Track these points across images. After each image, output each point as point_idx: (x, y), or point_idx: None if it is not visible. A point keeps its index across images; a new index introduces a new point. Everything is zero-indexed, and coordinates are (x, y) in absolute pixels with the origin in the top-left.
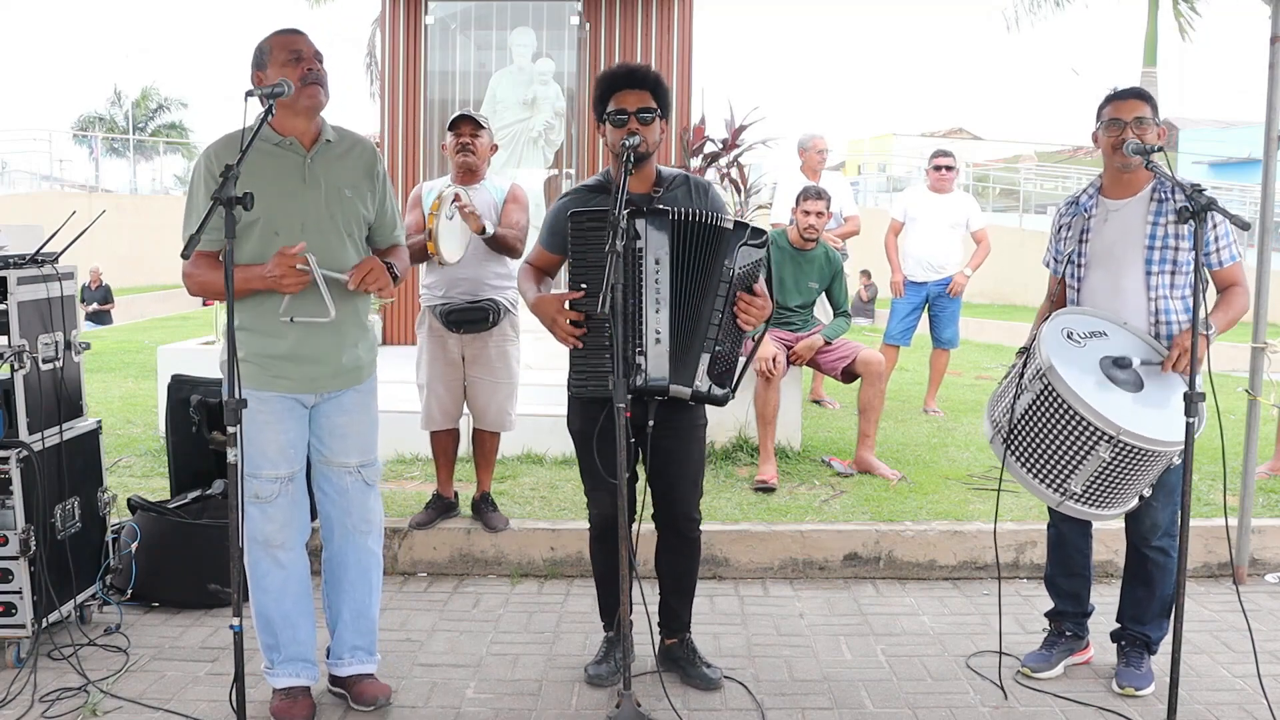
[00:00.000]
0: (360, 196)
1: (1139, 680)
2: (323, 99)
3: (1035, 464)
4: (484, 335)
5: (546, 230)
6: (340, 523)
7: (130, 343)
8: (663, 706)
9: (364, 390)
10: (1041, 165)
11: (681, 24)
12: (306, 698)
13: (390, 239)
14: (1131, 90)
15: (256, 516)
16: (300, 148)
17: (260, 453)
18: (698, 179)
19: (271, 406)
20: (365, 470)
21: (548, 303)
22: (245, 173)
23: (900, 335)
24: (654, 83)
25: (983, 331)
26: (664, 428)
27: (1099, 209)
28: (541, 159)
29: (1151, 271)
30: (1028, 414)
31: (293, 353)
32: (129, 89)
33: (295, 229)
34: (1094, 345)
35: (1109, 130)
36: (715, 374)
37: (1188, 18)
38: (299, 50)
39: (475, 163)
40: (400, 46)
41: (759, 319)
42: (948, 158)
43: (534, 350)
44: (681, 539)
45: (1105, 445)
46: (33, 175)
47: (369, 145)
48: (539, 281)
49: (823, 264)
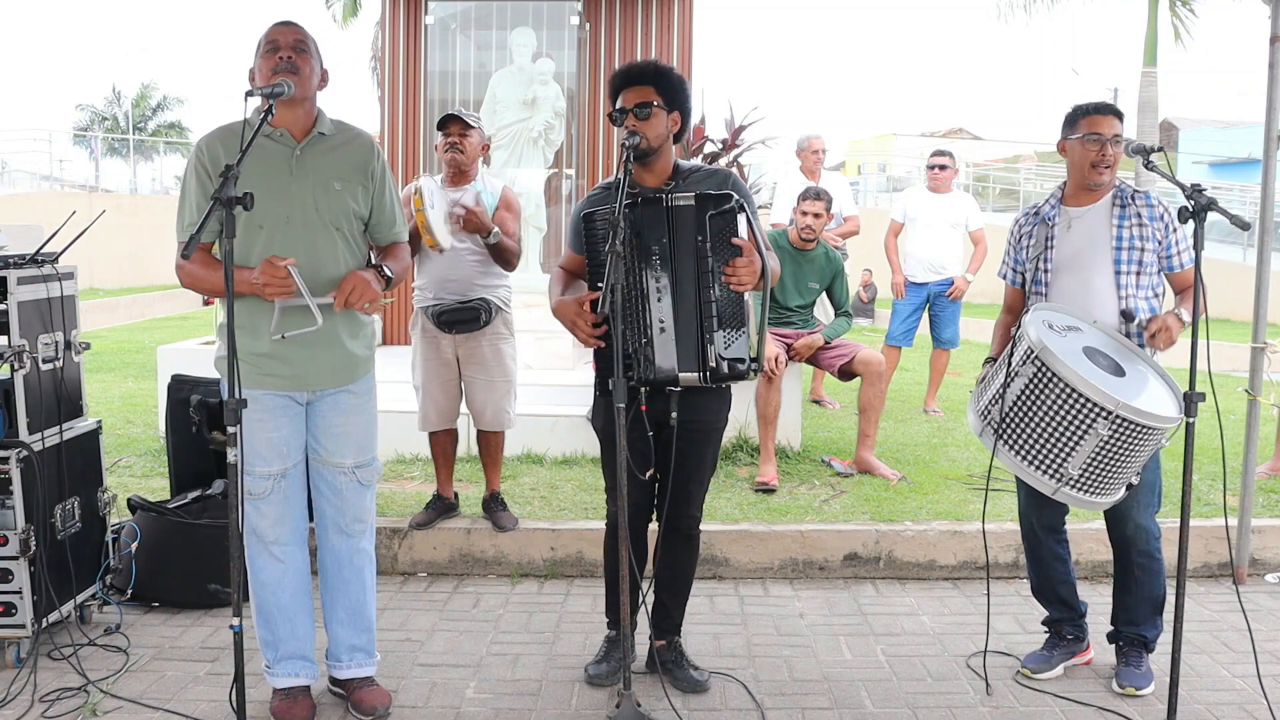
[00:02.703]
0: (351, 190)
1: (1139, 679)
2: (285, 89)
3: (1031, 449)
4: (477, 335)
5: (570, 232)
6: (334, 521)
7: (130, 343)
8: (663, 707)
9: (360, 390)
10: (1041, 165)
11: (681, 24)
12: (306, 697)
13: (389, 236)
14: (1109, 106)
15: (250, 512)
16: (291, 139)
17: (252, 450)
18: (721, 169)
19: (263, 404)
20: (360, 471)
21: (567, 306)
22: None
23: (902, 336)
24: (654, 76)
25: (983, 331)
26: (685, 428)
27: (1061, 217)
28: (541, 159)
29: (1120, 272)
30: (1021, 399)
31: (279, 352)
32: (128, 88)
33: (279, 221)
34: (1072, 337)
35: (1088, 145)
36: (729, 351)
37: (1184, 19)
38: (275, 40)
39: (464, 162)
40: (400, 46)
41: (750, 275)
42: (946, 157)
43: (533, 350)
44: (683, 537)
45: (1104, 422)
46: (33, 175)
47: (366, 139)
48: (568, 284)
49: (823, 264)
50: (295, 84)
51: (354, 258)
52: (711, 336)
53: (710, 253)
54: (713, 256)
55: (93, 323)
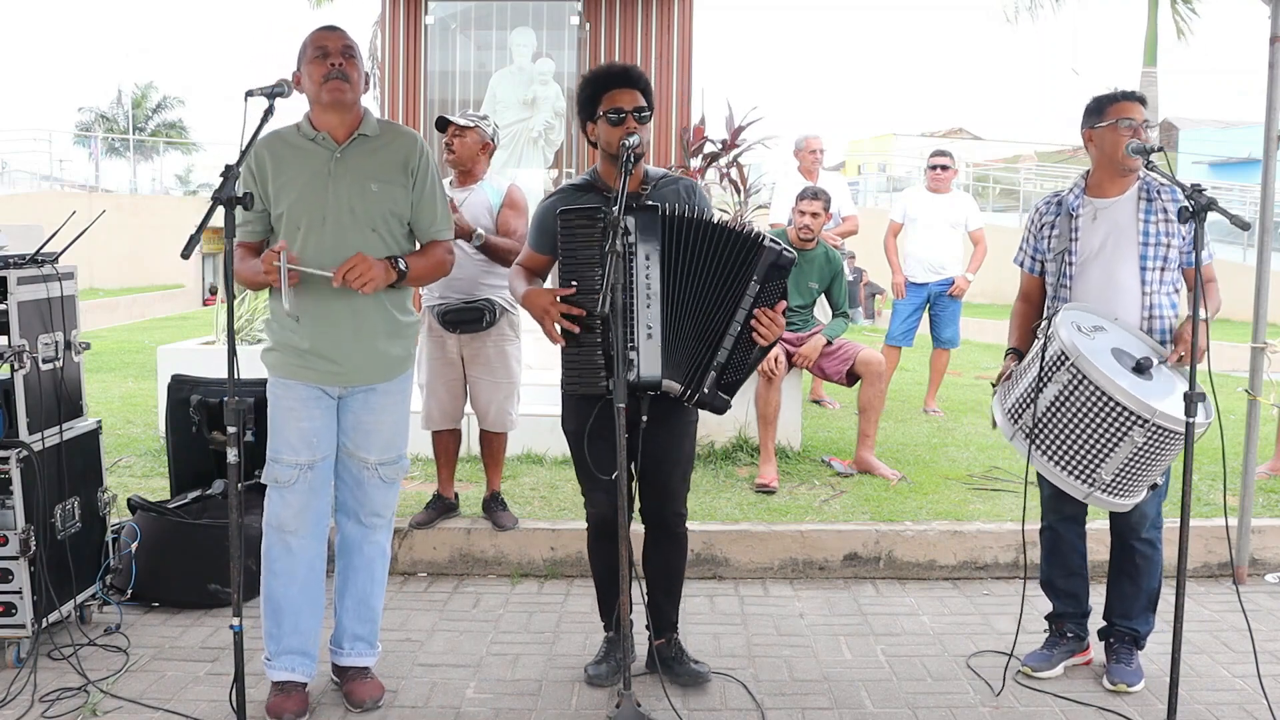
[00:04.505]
0: (389, 191)
1: (1130, 676)
2: (347, 95)
3: (1065, 455)
4: (482, 335)
5: (535, 231)
6: (353, 512)
7: (130, 343)
8: (663, 707)
9: (394, 389)
10: (1041, 165)
11: (681, 24)
12: (300, 693)
13: (428, 234)
14: (1135, 93)
15: (275, 500)
16: (331, 142)
17: (282, 439)
18: (684, 179)
19: (296, 394)
20: (383, 468)
21: (540, 295)
22: (277, 168)
23: (902, 336)
24: (645, 83)
25: (983, 331)
26: (657, 424)
27: (1086, 207)
28: (541, 159)
29: (1146, 268)
30: (1054, 405)
31: (313, 348)
32: (129, 88)
33: (316, 222)
34: (1100, 338)
35: (1121, 130)
36: (724, 384)
37: (1185, 18)
38: (325, 46)
39: (458, 162)
40: (400, 46)
41: (774, 337)
42: (946, 158)
43: (534, 350)
44: (670, 535)
45: (1139, 429)
46: (33, 175)
47: (410, 138)
48: (529, 281)
49: (823, 264)
50: (347, 90)
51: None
52: (721, 367)
53: (758, 296)
54: (759, 300)
55: (93, 323)
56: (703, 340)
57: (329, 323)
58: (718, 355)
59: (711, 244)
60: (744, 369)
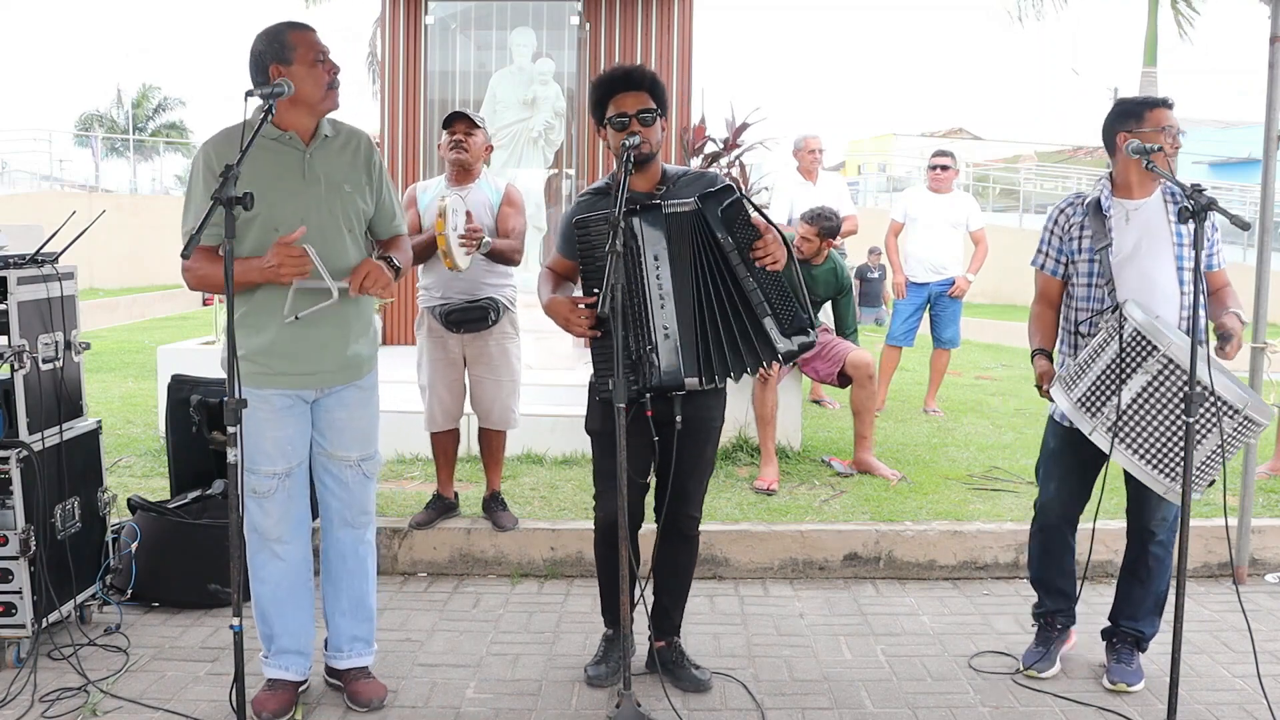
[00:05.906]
0: (359, 191)
1: (1131, 676)
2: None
3: (1154, 451)
4: (484, 334)
5: (561, 238)
6: (340, 514)
7: (130, 343)
8: (663, 707)
9: (365, 385)
10: (1041, 165)
11: (681, 24)
12: (286, 691)
13: (390, 229)
14: (1170, 100)
15: (254, 511)
16: (299, 142)
17: (258, 449)
18: (708, 173)
19: (271, 404)
20: (365, 464)
21: (561, 305)
22: (245, 168)
23: (903, 336)
24: (650, 82)
25: (983, 331)
26: (688, 427)
27: (1117, 209)
28: (541, 159)
29: (1182, 268)
30: (1142, 397)
31: (291, 350)
32: (129, 88)
33: (295, 225)
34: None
35: (1163, 136)
36: (789, 329)
37: (1187, 16)
38: (320, 49)
39: (468, 160)
40: (400, 46)
41: (780, 248)
42: (947, 158)
43: (535, 350)
44: (683, 537)
45: (1229, 420)
46: (33, 175)
47: (364, 137)
48: (557, 286)
49: (829, 280)
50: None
51: (360, 256)
52: (773, 321)
53: (736, 245)
54: (739, 247)
55: (93, 323)
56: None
57: (312, 321)
58: (763, 313)
59: (692, 227)
60: (791, 305)
